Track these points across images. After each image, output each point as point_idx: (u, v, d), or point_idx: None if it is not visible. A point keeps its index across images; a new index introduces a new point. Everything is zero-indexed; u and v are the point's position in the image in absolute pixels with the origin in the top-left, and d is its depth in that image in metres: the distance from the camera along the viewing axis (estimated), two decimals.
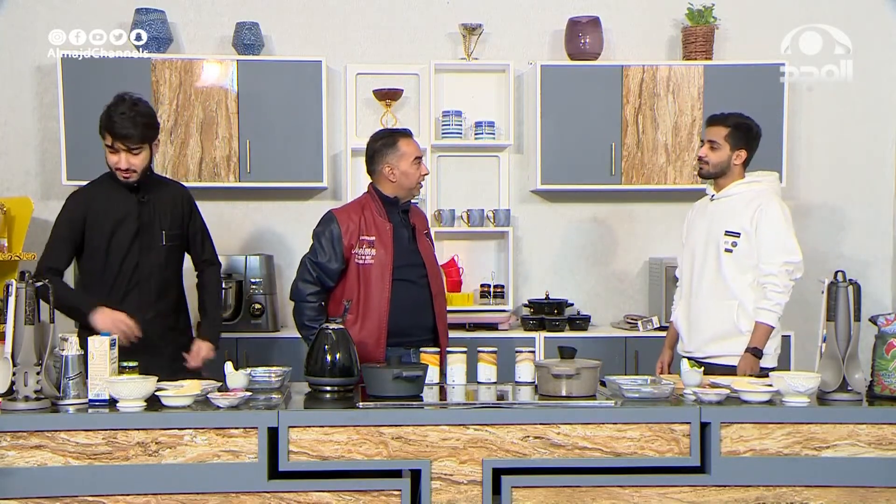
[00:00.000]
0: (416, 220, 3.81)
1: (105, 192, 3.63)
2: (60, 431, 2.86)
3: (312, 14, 5.44)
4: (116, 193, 3.62)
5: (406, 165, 3.69)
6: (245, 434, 2.90)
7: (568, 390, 3.11)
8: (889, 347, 3.15)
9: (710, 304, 3.78)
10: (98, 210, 3.59)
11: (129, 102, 3.54)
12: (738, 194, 3.80)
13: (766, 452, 2.99)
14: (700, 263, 3.84)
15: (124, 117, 3.50)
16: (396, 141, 3.72)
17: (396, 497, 2.93)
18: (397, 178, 3.70)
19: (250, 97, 5.09)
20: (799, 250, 3.71)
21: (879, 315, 3.24)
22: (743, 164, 3.83)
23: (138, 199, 3.64)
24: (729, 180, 3.82)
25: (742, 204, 3.77)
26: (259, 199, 5.43)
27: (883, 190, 5.63)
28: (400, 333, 3.63)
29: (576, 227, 5.58)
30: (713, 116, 3.90)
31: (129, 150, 3.53)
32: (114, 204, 3.61)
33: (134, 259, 3.61)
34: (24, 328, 2.91)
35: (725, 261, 3.74)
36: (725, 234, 3.75)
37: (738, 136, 3.79)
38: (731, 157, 3.79)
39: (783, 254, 3.68)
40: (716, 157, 3.79)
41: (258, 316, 5.08)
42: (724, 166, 3.80)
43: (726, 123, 3.80)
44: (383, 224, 3.67)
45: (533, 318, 5.19)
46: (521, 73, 5.47)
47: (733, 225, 3.75)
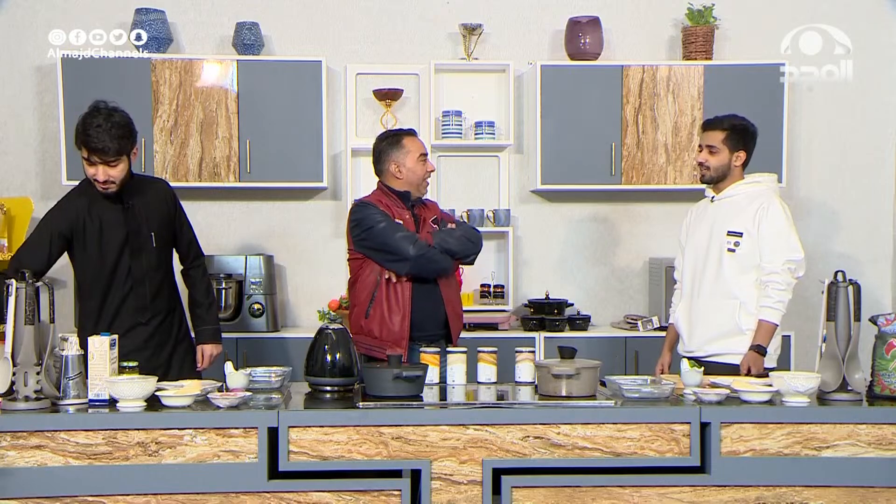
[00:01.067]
0: (420, 211, 3.83)
1: (88, 201, 3.57)
2: (60, 431, 2.86)
3: (312, 14, 5.44)
4: (100, 202, 3.57)
5: (411, 162, 3.76)
6: (245, 434, 2.90)
7: (568, 390, 3.11)
8: (889, 347, 3.15)
9: (711, 303, 3.79)
10: (84, 221, 3.55)
11: (104, 114, 3.44)
12: (739, 194, 3.81)
13: (766, 452, 2.99)
14: (702, 264, 3.84)
15: (100, 130, 3.40)
16: (401, 139, 3.79)
17: (396, 497, 2.93)
18: (404, 175, 3.76)
19: (250, 97, 5.09)
20: (801, 248, 3.72)
21: (879, 315, 3.24)
22: (742, 165, 3.84)
23: (123, 206, 3.60)
24: (729, 182, 3.83)
25: (743, 204, 3.78)
26: (259, 199, 5.43)
27: (883, 190, 5.63)
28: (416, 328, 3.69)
29: (576, 227, 5.58)
30: (708, 121, 3.91)
31: (106, 164, 3.45)
32: (99, 213, 3.57)
33: (126, 265, 3.59)
34: (24, 328, 2.91)
35: (727, 261, 3.75)
36: (728, 234, 3.76)
37: (736, 138, 3.80)
38: (731, 159, 3.80)
39: (786, 252, 3.69)
40: (716, 160, 3.80)
41: (258, 316, 5.08)
42: (725, 169, 3.81)
43: (722, 127, 3.81)
44: (402, 212, 3.75)
45: (533, 318, 5.19)
46: (521, 73, 5.47)
47: (735, 225, 3.76)
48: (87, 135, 3.41)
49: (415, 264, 3.62)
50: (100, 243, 3.57)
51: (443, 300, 3.75)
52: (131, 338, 3.56)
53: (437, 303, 3.75)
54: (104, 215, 3.58)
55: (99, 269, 3.59)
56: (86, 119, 3.45)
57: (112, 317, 3.60)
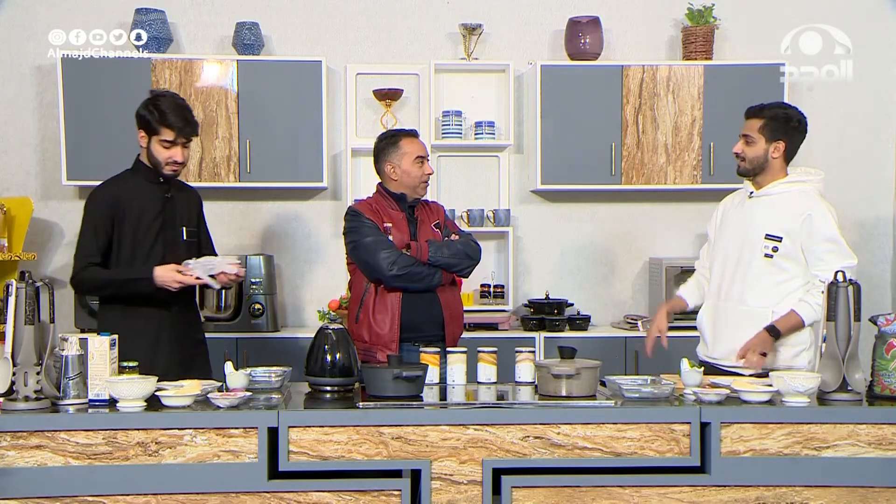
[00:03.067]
0: (421, 214, 3.83)
1: (131, 187, 3.64)
2: (60, 431, 2.86)
3: (312, 14, 5.44)
4: (143, 189, 3.64)
5: (407, 164, 3.75)
6: (245, 434, 2.90)
7: (568, 390, 3.11)
8: (889, 347, 3.15)
9: (741, 309, 3.55)
10: (125, 205, 3.60)
11: (173, 98, 3.62)
12: (780, 194, 3.55)
13: (766, 452, 2.99)
14: (733, 265, 3.59)
15: (182, 111, 3.57)
16: (398, 140, 3.78)
17: (396, 497, 2.93)
18: (399, 177, 3.76)
19: (250, 97, 5.09)
20: (854, 254, 3.50)
21: (879, 315, 3.24)
22: (784, 157, 3.56)
23: (163, 195, 3.67)
24: (770, 177, 3.57)
25: (786, 205, 3.52)
26: (259, 199, 5.43)
27: (883, 190, 5.63)
28: (410, 329, 3.69)
29: (576, 227, 5.58)
30: (750, 108, 3.63)
31: (183, 144, 3.60)
32: (141, 199, 3.62)
33: (159, 253, 3.63)
34: (24, 328, 2.91)
35: (763, 266, 3.51)
36: (766, 237, 3.51)
37: (775, 128, 3.53)
38: (769, 150, 3.54)
39: (841, 260, 3.43)
40: (751, 151, 3.55)
41: (258, 316, 5.08)
42: (762, 161, 3.54)
43: (761, 115, 3.55)
44: (396, 214, 3.76)
45: (533, 318, 5.19)
46: (521, 73, 5.47)
47: (775, 228, 3.50)
48: (174, 115, 3.54)
49: (396, 282, 3.64)
50: (137, 228, 3.60)
51: (440, 302, 3.74)
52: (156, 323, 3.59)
53: (433, 304, 3.74)
54: (145, 201, 3.63)
55: (132, 256, 3.60)
56: (159, 104, 3.57)
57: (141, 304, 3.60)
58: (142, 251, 3.60)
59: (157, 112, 3.55)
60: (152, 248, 3.61)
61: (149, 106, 3.58)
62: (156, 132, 3.56)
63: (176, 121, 3.55)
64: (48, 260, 5.36)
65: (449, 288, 3.80)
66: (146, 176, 3.64)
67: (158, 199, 3.65)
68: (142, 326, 3.57)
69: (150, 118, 3.56)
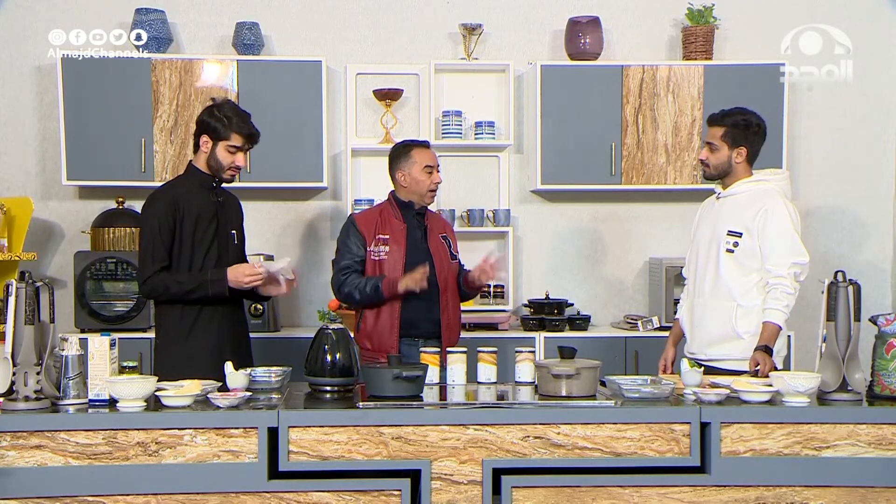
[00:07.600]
0: (430, 223, 4.03)
1: (187, 192, 3.71)
2: (60, 431, 2.86)
3: (312, 14, 5.44)
4: (198, 193, 3.72)
5: (417, 173, 3.94)
6: (245, 434, 2.90)
7: (568, 390, 3.11)
8: (889, 347, 3.16)
9: (710, 304, 3.73)
10: (185, 208, 3.67)
11: (235, 106, 3.77)
12: (743, 193, 3.73)
13: (766, 452, 2.99)
14: (703, 263, 3.79)
15: (248, 118, 3.72)
16: (410, 150, 4.00)
17: (396, 497, 2.93)
18: (408, 184, 3.96)
19: (250, 97, 5.09)
20: (806, 252, 3.65)
21: (879, 315, 3.24)
22: (746, 160, 3.75)
23: (216, 199, 3.76)
24: (734, 179, 3.76)
25: (746, 203, 3.70)
26: (259, 199, 5.42)
27: (883, 190, 5.63)
28: (410, 325, 3.86)
29: (576, 227, 5.58)
30: (711, 116, 3.83)
31: (247, 150, 3.76)
32: (197, 203, 3.70)
33: (214, 256, 3.70)
34: (24, 328, 2.92)
35: (726, 261, 3.69)
36: (728, 233, 3.69)
37: (736, 135, 3.72)
38: (731, 156, 3.73)
39: (791, 255, 3.62)
40: (715, 158, 3.74)
41: (258, 316, 5.08)
42: (726, 167, 3.74)
43: (722, 123, 3.74)
44: (398, 225, 3.95)
45: (533, 318, 5.19)
46: (521, 73, 5.47)
47: (736, 224, 3.69)
48: (243, 122, 3.69)
49: (343, 301, 4.00)
50: (194, 231, 3.67)
51: (438, 303, 3.89)
52: (216, 323, 3.68)
53: (433, 302, 3.88)
54: (202, 205, 3.71)
55: (191, 259, 3.66)
56: (225, 111, 3.69)
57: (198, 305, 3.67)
58: (199, 254, 3.67)
59: (226, 119, 3.67)
60: (208, 252, 3.69)
61: (215, 113, 3.69)
62: (224, 138, 3.67)
63: (245, 127, 3.69)
64: (48, 260, 5.35)
65: (451, 296, 3.94)
66: (201, 181, 3.73)
67: (212, 204, 3.74)
68: (206, 321, 3.67)
69: (218, 125, 3.67)
